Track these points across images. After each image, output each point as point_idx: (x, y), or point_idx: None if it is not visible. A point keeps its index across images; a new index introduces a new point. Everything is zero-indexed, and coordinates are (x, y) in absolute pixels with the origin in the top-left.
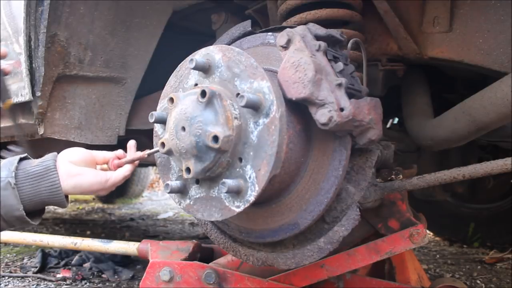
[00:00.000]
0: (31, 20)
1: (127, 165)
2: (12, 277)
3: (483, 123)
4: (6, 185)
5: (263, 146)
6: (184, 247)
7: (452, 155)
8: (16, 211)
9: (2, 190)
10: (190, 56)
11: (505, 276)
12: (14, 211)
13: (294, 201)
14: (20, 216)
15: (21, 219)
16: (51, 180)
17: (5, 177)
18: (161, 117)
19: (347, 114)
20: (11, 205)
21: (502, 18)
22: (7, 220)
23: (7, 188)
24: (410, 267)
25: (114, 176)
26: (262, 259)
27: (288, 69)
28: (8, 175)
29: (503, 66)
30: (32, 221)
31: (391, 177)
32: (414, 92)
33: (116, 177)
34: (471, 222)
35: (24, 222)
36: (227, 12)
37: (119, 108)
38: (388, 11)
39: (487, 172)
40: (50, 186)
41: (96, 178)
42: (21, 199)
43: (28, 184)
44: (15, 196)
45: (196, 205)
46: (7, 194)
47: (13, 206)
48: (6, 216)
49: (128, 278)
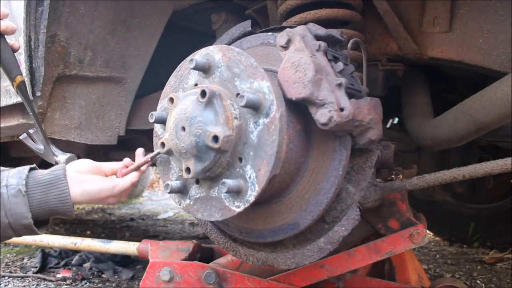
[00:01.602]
0: (31, 20)
1: (134, 172)
2: (12, 277)
3: (483, 123)
4: (17, 192)
5: (263, 146)
6: (184, 247)
7: (452, 155)
8: (25, 219)
9: (13, 198)
10: (190, 56)
11: (505, 276)
12: (22, 219)
13: (294, 201)
14: (28, 225)
15: (29, 228)
16: (60, 189)
17: (16, 185)
18: (161, 117)
19: (347, 114)
20: (21, 213)
21: (502, 18)
22: (14, 228)
23: (18, 196)
24: (410, 267)
25: (122, 182)
26: (262, 259)
27: (288, 69)
28: (19, 182)
29: (503, 66)
30: (38, 230)
31: (391, 177)
32: (414, 92)
33: (123, 183)
34: (471, 222)
35: (31, 231)
36: (227, 12)
37: (119, 108)
38: (388, 11)
39: (487, 172)
40: (60, 194)
41: (103, 185)
42: (30, 207)
43: (38, 192)
44: (25, 204)
45: (196, 205)
46: (17, 201)
47: (22, 214)
48: (14, 224)
49: (128, 278)
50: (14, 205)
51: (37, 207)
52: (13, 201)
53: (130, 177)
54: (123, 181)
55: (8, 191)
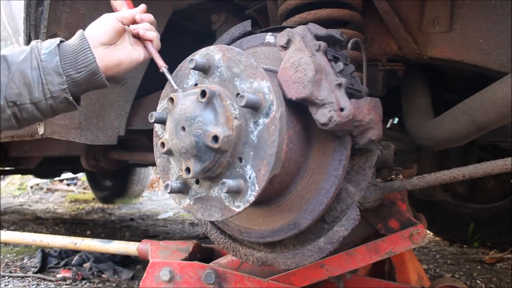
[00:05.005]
0: (31, 20)
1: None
2: (12, 277)
3: (483, 123)
4: (55, 49)
5: (263, 146)
6: (184, 247)
7: (452, 155)
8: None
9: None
10: (190, 56)
11: (505, 276)
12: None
13: (294, 201)
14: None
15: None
16: (86, 56)
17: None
18: (161, 117)
19: (347, 114)
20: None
21: (502, 18)
22: (50, 92)
23: (55, 54)
24: (410, 267)
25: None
26: (262, 259)
27: (288, 69)
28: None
29: (503, 66)
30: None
31: (391, 177)
32: (414, 92)
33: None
34: (471, 222)
35: (66, 93)
36: (227, 12)
37: (119, 108)
38: (388, 11)
39: (487, 172)
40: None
41: (131, 63)
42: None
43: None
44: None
45: (196, 205)
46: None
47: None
48: (49, 86)
49: (128, 278)
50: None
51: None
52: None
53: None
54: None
55: None
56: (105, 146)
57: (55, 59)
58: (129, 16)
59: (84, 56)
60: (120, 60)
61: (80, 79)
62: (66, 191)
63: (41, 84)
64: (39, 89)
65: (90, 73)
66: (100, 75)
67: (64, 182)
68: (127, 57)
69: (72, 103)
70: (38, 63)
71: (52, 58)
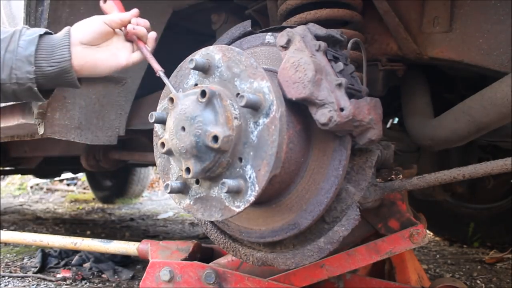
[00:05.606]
0: (31, 20)
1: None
2: (12, 277)
3: (483, 123)
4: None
5: (263, 146)
6: (184, 247)
7: (452, 155)
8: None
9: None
10: (190, 56)
11: (505, 276)
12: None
13: (294, 201)
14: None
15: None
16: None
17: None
18: (161, 117)
19: (347, 114)
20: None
21: (502, 18)
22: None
23: (33, 44)
24: (410, 267)
25: (132, 60)
26: (262, 259)
27: (288, 69)
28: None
29: (503, 66)
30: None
31: (391, 177)
32: (414, 92)
33: (133, 60)
34: (471, 222)
35: (30, 83)
36: (227, 12)
37: (119, 108)
38: (388, 11)
39: (487, 172)
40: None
41: (111, 67)
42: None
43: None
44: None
45: (196, 205)
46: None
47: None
48: (16, 72)
49: (128, 278)
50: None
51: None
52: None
53: (137, 54)
54: (133, 58)
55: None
56: (105, 146)
57: (30, 48)
58: (119, 20)
59: (60, 52)
60: (96, 63)
61: (50, 73)
62: (66, 191)
63: (10, 68)
64: (7, 72)
65: (61, 69)
66: (71, 74)
67: (64, 182)
68: (104, 61)
69: (37, 94)
70: (14, 47)
71: (29, 46)
